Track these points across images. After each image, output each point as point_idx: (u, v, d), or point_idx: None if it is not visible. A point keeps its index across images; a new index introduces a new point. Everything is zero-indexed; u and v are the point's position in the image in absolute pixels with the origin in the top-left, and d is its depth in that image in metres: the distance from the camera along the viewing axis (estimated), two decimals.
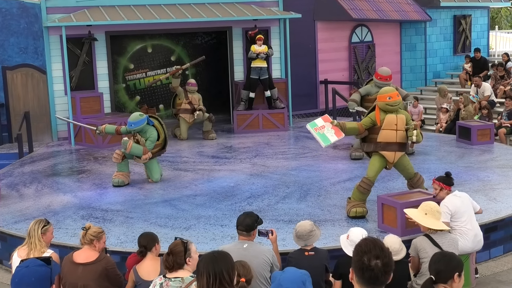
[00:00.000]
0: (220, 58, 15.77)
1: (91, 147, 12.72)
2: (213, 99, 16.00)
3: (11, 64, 13.51)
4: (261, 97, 14.05)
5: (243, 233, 5.33)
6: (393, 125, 7.50)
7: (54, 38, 13.42)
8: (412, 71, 18.78)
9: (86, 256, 5.29)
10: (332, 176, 9.89)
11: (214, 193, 9.14)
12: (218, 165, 10.92)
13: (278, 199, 8.73)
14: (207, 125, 13.27)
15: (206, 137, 13.22)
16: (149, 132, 9.60)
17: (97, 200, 9.02)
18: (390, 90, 7.57)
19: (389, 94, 7.45)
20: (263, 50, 13.57)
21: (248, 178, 9.94)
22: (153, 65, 15.69)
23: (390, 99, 7.41)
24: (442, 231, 5.85)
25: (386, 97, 7.43)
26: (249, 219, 5.34)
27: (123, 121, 12.87)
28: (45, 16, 13.30)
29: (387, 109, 7.47)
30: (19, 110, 13.52)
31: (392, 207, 7.14)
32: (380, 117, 7.52)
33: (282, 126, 13.84)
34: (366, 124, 7.61)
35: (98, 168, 10.99)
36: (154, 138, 9.58)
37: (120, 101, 15.38)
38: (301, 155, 11.50)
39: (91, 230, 5.36)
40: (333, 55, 16.71)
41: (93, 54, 13.79)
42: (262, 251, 5.27)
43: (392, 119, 7.49)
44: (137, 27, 13.86)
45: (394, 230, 7.03)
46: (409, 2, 18.51)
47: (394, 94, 7.45)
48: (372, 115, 7.62)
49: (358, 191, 7.75)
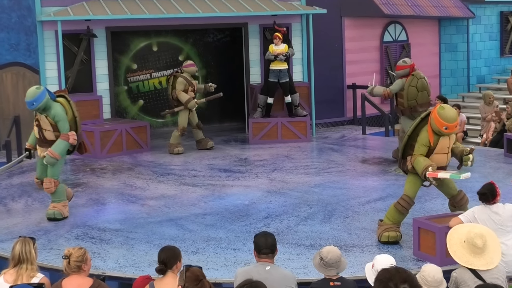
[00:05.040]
0: (234, 58, 15.78)
1: (88, 157, 12.74)
2: (226, 104, 15.98)
3: (0, 62, 13.60)
4: (280, 103, 14.01)
5: (268, 255, 5.42)
6: (445, 148, 7.49)
7: (48, 33, 13.50)
8: (453, 75, 18.67)
9: (77, 285, 5.23)
10: (361, 195, 9.81)
11: (226, 212, 9.10)
12: (231, 180, 10.88)
13: (299, 220, 8.67)
14: (198, 134, 13.23)
15: (203, 147, 13.18)
16: (53, 109, 8.68)
17: (93, 218, 9.01)
18: (451, 118, 7.28)
19: (448, 124, 7.28)
20: (283, 51, 13.53)
21: (265, 195, 9.89)
22: (158, 65, 15.74)
23: (447, 129, 7.32)
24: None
25: (443, 126, 7.29)
26: (270, 238, 5.48)
27: (124, 128, 12.91)
28: (39, 9, 13.38)
29: (440, 134, 7.41)
30: (8, 114, 13.60)
31: (430, 232, 7.07)
32: (434, 140, 7.44)
33: (304, 137, 13.78)
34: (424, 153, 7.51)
35: (96, 181, 11.00)
36: (61, 113, 8.66)
37: (121, 105, 15.43)
38: (325, 169, 11.43)
39: (74, 256, 5.20)
40: (363, 56, 16.65)
41: (92, 52, 13.85)
42: (285, 276, 5.42)
43: (446, 142, 7.48)
44: (142, 22, 13.90)
45: (432, 258, 6.96)
46: None
47: (453, 125, 7.31)
48: (425, 139, 7.46)
49: (395, 210, 7.68)
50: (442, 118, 7.29)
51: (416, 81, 10.95)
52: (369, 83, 11.59)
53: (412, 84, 10.92)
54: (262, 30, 14.82)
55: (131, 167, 11.93)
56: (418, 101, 10.94)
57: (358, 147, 12.94)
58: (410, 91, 10.94)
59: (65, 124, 8.71)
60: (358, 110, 15.74)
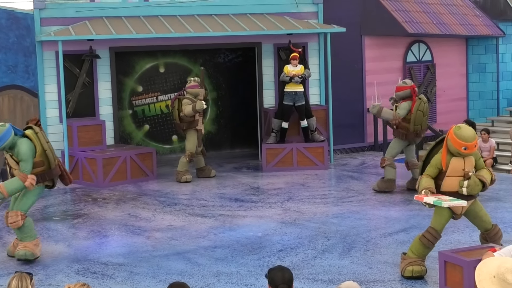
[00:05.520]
0: (246, 80, 15.88)
1: (90, 185, 12.81)
2: (238, 129, 16.06)
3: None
4: (296, 127, 14.07)
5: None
6: (459, 170, 7.46)
7: (48, 54, 13.66)
8: (481, 98, 18.68)
9: None
10: (383, 226, 9.80)
11: (237, 245, 9.11)
12: (243, 210, 10.90)
13: (316, 254, 8.66)
14: (200, 161, 13.27)
15: (206, 176, 13.22)
16: (18, 146, 8.44)
17: (95, 251, 9.04)
18: (469, 137, 7.31)
19: (466, 144, 7.30)
20: (299, 72, 13.61)
21: (279, 226, 9.90)
22: (165, 87, 15.85)
23: (466, 149, 7.34)
24: None
25: (461, 146, 7.32)
26: (287, 273, 5.44)
27: (128, 155, 12.99)
28: (38, 28, 13.57)
29: (460, 155, 7.43)
30: None
31: (457, 266, 7.05)
32: (446, 161, 7.46)
33: (321, 164, 13.80)
34: (433, 174, 7.55)
35: (98, 211, 11.05)
36: (26, 152, 8.43)
37: (125, 130, 15.54)
38: (344, 199, 11.44)
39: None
40: (384, 77, 16.70)
41: (95, 74, 13.99)
42: None
43: (459, 164, 7.45)
44: (148, 42, 14.05)
45: None
46: (478, 14, 18.51)
47: (472, 144, 7.32)
48: (437, 161, 7.51)
49: (420, 243, 7.67)
50: (460, 138, 7.33)
51: (423, 105, 11.56)
52: (372, 101, 11.80)
53: (420, 109, 11.52)
54: (276, 50, 14.93)
55: (136, 196, 11.98)
56: (422, 126, 11.61)
57: (380, 175, 12.92)
58: (418, 115, 11.54)
59: (27, 165, 8.47)
60: (379, 135, 15.76)
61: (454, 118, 18.02)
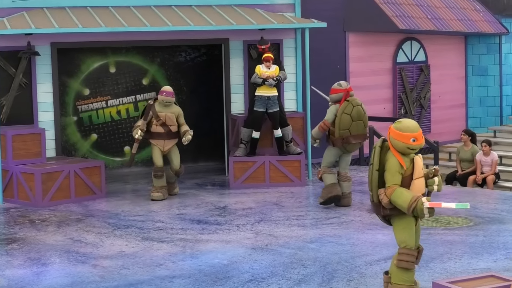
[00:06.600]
0: (211, 82, 15.88)
1: (26, 205, 12.69)
2: (201, 140, 16.03)
3: None
4: (268, 138, 14.09)
5: None
6: (421, 170, 7.53)
7: None
8: (482, 104, 18.86)
9: None
10: (369, 252, 9.83)
11: (199, 274, 9.09)
12: (206, 233, 10.88)
13: (291, 284, 8.67)
14: (172, 176, 13.24)
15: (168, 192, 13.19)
16: None
17: (32, 282, 8.96)
18: (413, 127, 7.45)
19: (413, 134, 7.41)
20: (273, 73, 13.63)
21: (249, 253, 9.89)
22: (117, 90, 15.79)
23: (415, 141, 7.41)
24: None
25: (409, 138, 7.39)
26: None
27: (72, 169, 12.89)
28: None
29: (406, 153, 7.48)
30: None
31: None
32: (405, 163, 7.48)
33: (298, 180, 13.83)
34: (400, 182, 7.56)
35: (36, 236, 10.95)
36: None
37: (69, 140, 15.44)
38: (324, 220, 11.46)
39: None
40: (371, 80, 16.82)
41: (33, 74, 13.90)
42: None
43: (420, 162, 7.55)
44: (96, 37, 14.00)
45: None
46: (478, 8, 18.72)
47: (419, 134, 7.45)
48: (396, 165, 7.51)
49: (400, 270, 7.67)
50: (405, 130, 7.41)
51: (351, 108, 11.80)
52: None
53: (346, 112, 11.77)
54: (246, 48, 14.94)
55: (81, 218, 11.90)
56: (351, 132, 11.81)
57: (365, 193, 12.95)
58: (344, 119, 11.77)
59: None
60: (365, 147, 15.82)
61: (451, 128, 18.19)
